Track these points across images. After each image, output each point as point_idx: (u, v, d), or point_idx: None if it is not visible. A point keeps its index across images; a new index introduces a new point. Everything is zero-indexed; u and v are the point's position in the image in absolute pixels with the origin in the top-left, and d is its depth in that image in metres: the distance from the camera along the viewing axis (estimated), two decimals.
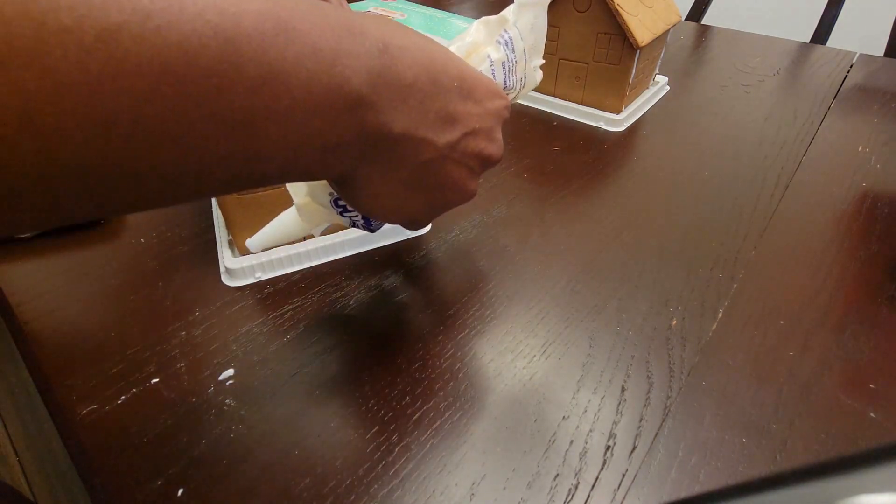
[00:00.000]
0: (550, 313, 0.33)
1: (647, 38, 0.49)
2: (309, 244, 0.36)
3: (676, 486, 0.24)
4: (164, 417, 0.27)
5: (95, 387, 0.28)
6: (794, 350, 0.30)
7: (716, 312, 0.33)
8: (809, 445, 0.25)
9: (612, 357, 0.30)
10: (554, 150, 0.50)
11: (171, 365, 0.29)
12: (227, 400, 0.28)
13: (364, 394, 0.28)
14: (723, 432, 0.26)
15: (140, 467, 0.25)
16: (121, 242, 0.39)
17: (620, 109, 0.54)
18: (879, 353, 0.30)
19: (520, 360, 0.30)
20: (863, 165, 0.47)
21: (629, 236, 0.39)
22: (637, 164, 0.48)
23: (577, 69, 0.54)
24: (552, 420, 0.27)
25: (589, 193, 0.44)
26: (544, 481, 0.24)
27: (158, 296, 0.34)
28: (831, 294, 0.34)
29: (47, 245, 0.39)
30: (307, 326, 0.32)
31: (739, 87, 0.63)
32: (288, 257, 0.36)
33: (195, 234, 0.40)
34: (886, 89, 0.62)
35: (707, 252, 0.37)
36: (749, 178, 0.46)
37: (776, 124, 0.54)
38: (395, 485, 0.24)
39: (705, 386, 0.28)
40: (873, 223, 0.40)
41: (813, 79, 0.65)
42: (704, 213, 0.41)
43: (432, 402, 0.28)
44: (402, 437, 0.26)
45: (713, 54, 0.74)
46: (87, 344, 0.31)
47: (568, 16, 0.52)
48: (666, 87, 0.63)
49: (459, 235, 0.39)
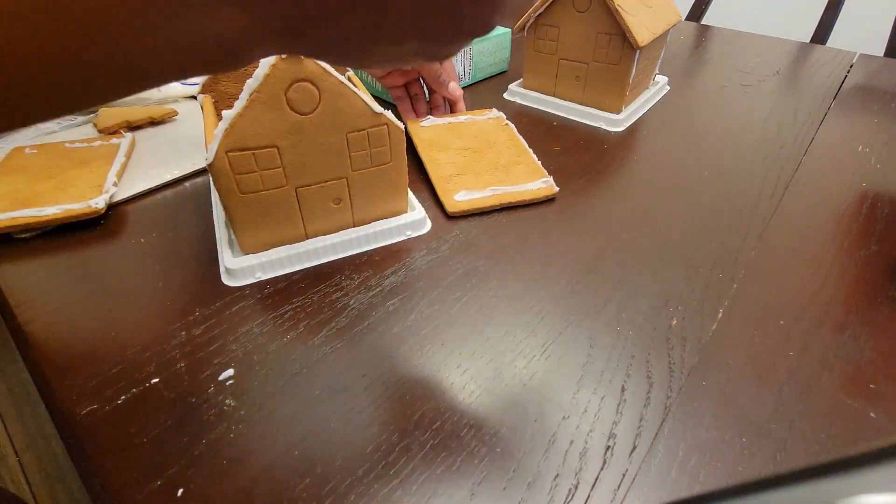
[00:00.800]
0: (550, 313, 0.33)
1: (647, 38, 0.49)
2: (309, 244, 0.36)
3: (676, 486, 0.24)
4: (164, 417, 0.27)
5: (95, 387, 0.28)
6: (794, 350, 0.30)
7: (716, 312, 0.33)
8: (809, 445, 0.25)
9: (612, 357, 0.30)
10: (554, 150, 0.50)
11: (171, 365, 0.29)
12: (227, 400, 0.28)
13: (364, 394, 0.28)
14: (723, 432, 0.26)
15: (140, 467, 0.25)
16: (121, 242, 0.39)
17: (620, 109, 0.54)
18: (879, 353, 0.30)
19: (520, 360, 0.30)
20: (863, 165, 0.47)
21: (629, 236, 0.39)
22: (637, 164, 0.48)
23: (577, 69, 0.54)
24: (552, 420, 0.27)
25: (589, 193, 0.44)
26: (544, 481, 0.24)
27: (158, 296, 0.34)
28: (831, 294, 0.34)
29: (47, 245, 0.39)
30: (307, 326, 0.32)
31: (739, 87, 0.63)
32: (288, 257, 0.36)
33: (195, 234, 0.40)
34: (886, 89, 0.62)
35: (707, 252, 0.37)
36: (749, 178, 0.46)
37: (776, 124, 0.54)
38: (395, 485, 0.24)
39: (705, 386, 0.28)
40: (873, 223, 0.40)
41: (813, 79, 0.65)
42: (704, 213, 0.41)
43: (432, 401, 0.28)
44: (401, 436, 0.26)
45: (713, 54, 0.74)
46: (87, 344, 0.31)
47: (568, 16, 0.52)
48: (666, 87, 0.63)
49: (459, 235, 0.39)
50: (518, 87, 0.61)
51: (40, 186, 0.42)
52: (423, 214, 0.40)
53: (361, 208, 0.37)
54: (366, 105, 0.32)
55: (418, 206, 0.40)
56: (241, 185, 0.32)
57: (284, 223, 0.35)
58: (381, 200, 0.38)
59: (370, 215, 0.38)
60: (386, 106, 0.34)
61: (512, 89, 0.61)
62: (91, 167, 0.45)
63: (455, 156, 0.46)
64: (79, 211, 0.39)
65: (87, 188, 0.42)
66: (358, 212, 0.37)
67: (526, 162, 0.45)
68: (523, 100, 0.60)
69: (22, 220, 0.38)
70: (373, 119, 0.33)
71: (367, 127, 0.33)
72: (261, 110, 0.29)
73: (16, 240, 0.39)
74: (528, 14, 0.54)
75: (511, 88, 0.62)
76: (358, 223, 0.38)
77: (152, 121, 0.54)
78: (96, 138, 0.50)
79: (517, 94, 0.61)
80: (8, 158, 0.46)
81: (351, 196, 0.36)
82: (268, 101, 0.29)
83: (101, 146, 0.49)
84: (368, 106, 0.32)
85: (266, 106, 0.29)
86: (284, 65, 0.28)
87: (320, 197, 0.35)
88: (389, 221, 0.38)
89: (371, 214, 0.38)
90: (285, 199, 0.34)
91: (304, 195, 0.34)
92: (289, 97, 0.30)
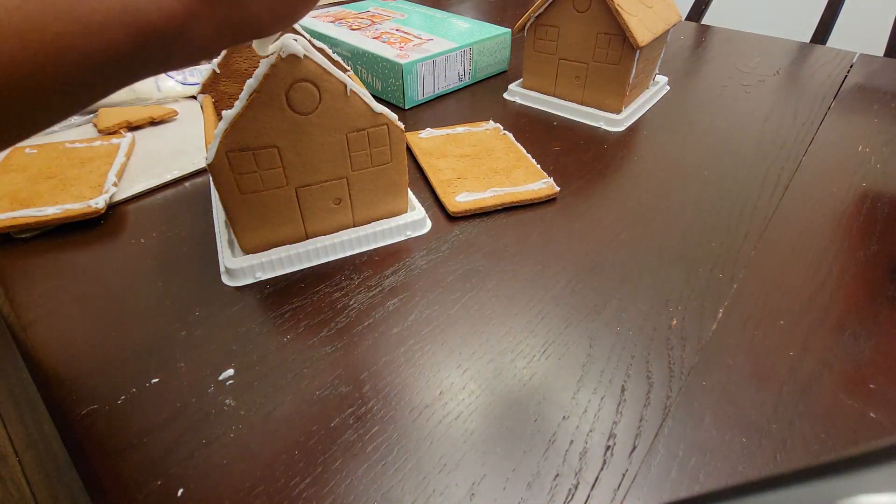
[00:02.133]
0: (550, 313, 0.33)
1: (647, 38, 0.49)
2: (309, 244, 0.36)
3: (676, 486, 0.24)
4: (164, 417, 0.27)
5: (95, 387, 0.28)
6: (794, 350, 0.30)
7: (716, 312, 0.33)
8: (809, 445, 0.25)
9: (612, 357, 0.30)
10: (554, 150, 0.50)
11: (171, 365, 0.29)
12: (227, 400, 0.28)
13: (364, 394, 0.28)
14: (723, 432, 0.26)
15: (140, 467, 0.25)
16: (121, 242, 0.39)
17: (620, 109, 0.54)
18: (879, 353, 0.30)
19: (520, 360, 0.30)
20: (863, 165, 0.47)
21: (629, 236, 0.39)
22: (637, 164, 0.48)
23: (577, 69, 0.54)
24: (552, 420, 0.27)
25: (589, 193, 0.44)
26: (544, 481, 0.24)
27: (158, 296, 0.34)
28: (831, 294, 0.34)
29: (47, 245, 0.39)
30: (307, 326, 0.32)
31: (739, 87, 0.63)
32: (288, 257, 0.36)
33: (195, 234, 0.40)
34: (886, 89, 0.62)
35: (707, 252, 0.37)
36: (749, 177, 0.46)
37: (776, 124, 0.54)
38: (395, 484, 0.24)
39: (705, 386, 0.28)
40: (873, 223, 0.40)
41: (813, 79, 0.65)
42: (704, 213, 0.41)
43: (432, 401, 0.28)
44: (401, 436, 0.26)
45: (713, 54, 0.74)
46: (87, 344, 0.31)
47: (568, 16, 0.52)
48: (666, 87, 0.63)
49: (460, 235, 0.39)
50: (518, 87, 0.61)
51: (40, 186, 0.42)
52: (424, 214, 0.40)
53: (361, 208, 0.37)
54: (366, 105, 0.32)
55: (418, 206, 0.40)
56: (242, 185, 0.32)
57: (284, 223, 0.35)
58: (381, 200, 0.38)
59: (370, 215, 0.38)
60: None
61: (512, 89, 0.61)
62: (91, 167, 0.45)
63: (455, 162, 0.46)
64: (78, 211, 0.39)
65: (86, 188, 0.42)
66: (358, 212, 0.37)
67: (525, 166, 0.45)
68: (523, 100, 0.60)
69: (21, 220, 0.38)
70: (373, 119, 0.33)
71: (367, 127, 0.33)
72: (261, 110, 0.29)
73: (16, 240, 0.39)
74: (528, 14, 0.54)
75: (511, 88, 0.62)
76: (358, 223, 0.38)
77: (152, 121, 0.54)
78: (96, 138, 0.50)
79: (517, 94, 0.61)
80: (8, 158, 0.46)
81: (351, 196, 0.36)
82: (268, 101, 0.29)
83: (101, 146, 0.49)
84: (368, 106, 0.32)
85: (266, 106, 0.29)
86: (285, 65, 0.28)
87: (320, 197, 0.35)
88: (389, 221, 0.38)
89: (371, 214, 0.38)
90: (285, 199, 0.34)
91: (305, 195, 0.34)
92: (289, 97, 0.30)
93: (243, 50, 0.38)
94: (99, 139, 0.50)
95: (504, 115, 0.57)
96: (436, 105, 0.60)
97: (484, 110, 0.59)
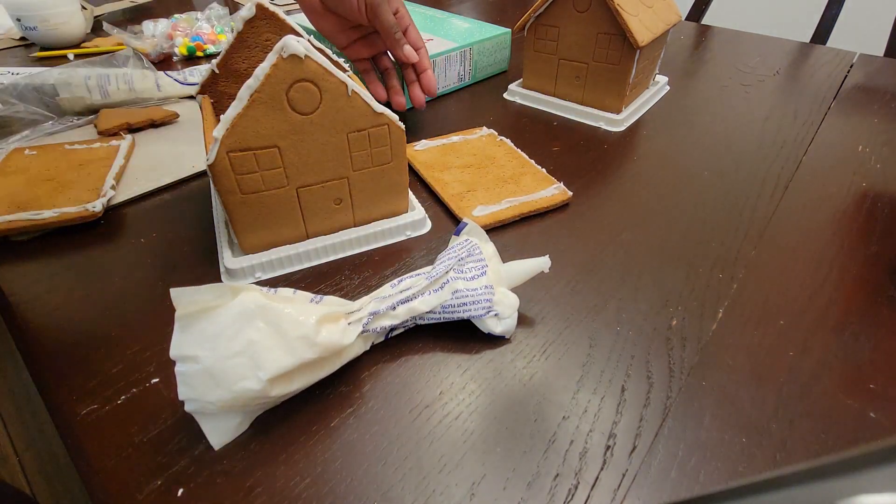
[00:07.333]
0: (550, 313, 0.33)
1: (647, 38, 0.49)
2: (309, 244, 0.36)
3: (676, 486, 0.24)
4: (164, 417, 0.27)
5: (95, 387, 0.28)
6: (794, 350, 0.30)
7: (716, 312, 0.33)
8: (809, 445, 0.25)
9: (612, 357, 0.30)
10: (554, 150, 0.50)
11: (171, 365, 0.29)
12: None
13: (364, 393, 0.28)
14: (723, 432, 0.26)
15: (140, 467, 0.25)
16: (121, 242, 0.39)
17: (620, 109, 0.54)
18: (879, 353, 0.30)
19: (520, 360, 0.30)
20: (863, 165, 0.48)
21: (629, 236, 0.39)
22: (637, 164, 0.48)
23: (577, 69, 0.54)
24: (552, 420, 0.27)
25: (589, 193, 0.44)
26: (544, 481, 0.24)
27: (158, 296, 0.34)
28: (831, 294, 0.34)
29: (47, 245, 0.39)
30: None
31: (739, 87, 0.63)
32: (288, 257, 0.36)
33: (195, 234, 0.40)
34: (886, 89, 0.62)
35: (707, 252, 0.37)
36: (749, 177, 0.46)
37: (776, 124, 0.54)
38: (395, 484, 0.24)
39: (705, 386, 0.28)
40: (873, 223, 0.40)
41: (813, 79, 0.65)
42: (704, 213, 0.42)
43: (431, 401, 0.28)
44: (401, 436, 0.26)
45: (713, 54, 0.74)
46: (87, 344, 0.31)
47: (568, 16, 0.52)
48: (666, 87, 0.63)
49: None
50: (518, 86, 0.61)
51: (38, 189, 0.42)
52: (424, 214, 0.40)
53: (362, 208, 0.37)
54: (366, 105, 0.32)
55: (418, 206, 0.40)
56: (242, 186, 0.32)
57: (285, 223, 0.35)
58: (381, 200, 0.38)
59: (371, 215, 0.38)
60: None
61: (512, 89, 0.61)
62: (90, 169, 0.45)
63: (459, 174, 0.45)
64: (75, 214, 0.39)
65: (84, 191, 0.42)
66: (358, 212, 0.37)
67: (531, 172, 0.45)
68: (523, 100, 0.60)
69: (19, 223, 0.38)
70: (373, 119, 0.33)
71: (368, 127, 0.33)
72: (262, 110, 0.29)
73: (14, 242, 0.39)
74: (528, 14, 0.54)
75: (511, 88, 0.62)
76: (358, 223, 0.38)
77: (153, 123, 0.54)
78: (96, 140, 0.50)
79: (517, 94, 0.61)
80: (7, 160, 0.46)
81: (352, 196, 0.36)
82: (269, 102, 0.29)
83: (101, 148, 0.49)
84: (369, 106, 0.32)
85: (267, 106, 0.29)
86: (285, 65, 0.28)
87: (321, 197, 0.35)
88: (390, 221, 0.38)
89: (372, 214, 0.38)
90: (286, 200, 0.34)
91: (305, 195, 0.34)
92: (290, 97, 0.30)
93: (243, 50, 0.38)
94: (99, 141, 0.50)
95: (504, 116, 0.57)
96: (436, 105, 0.60)
97: (484, 110, 0.59)
